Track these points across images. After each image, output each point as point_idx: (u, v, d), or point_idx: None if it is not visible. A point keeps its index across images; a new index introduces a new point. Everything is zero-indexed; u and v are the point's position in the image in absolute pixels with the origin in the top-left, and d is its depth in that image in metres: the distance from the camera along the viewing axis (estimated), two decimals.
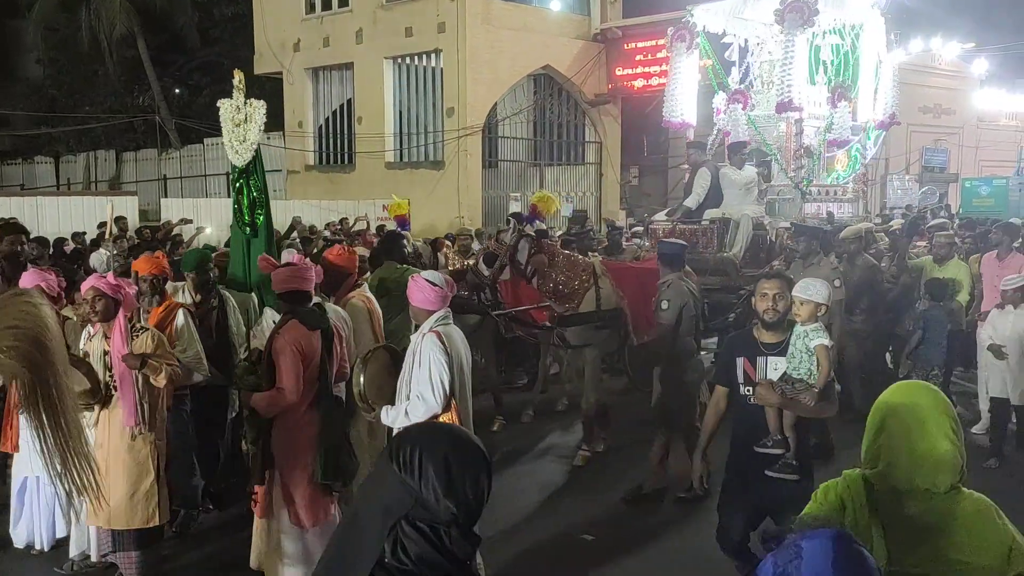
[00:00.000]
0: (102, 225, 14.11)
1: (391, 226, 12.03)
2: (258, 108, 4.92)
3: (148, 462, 4.51)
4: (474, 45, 18.75)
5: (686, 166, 10.60)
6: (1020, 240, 8.86)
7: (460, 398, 4.23)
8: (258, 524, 4.50)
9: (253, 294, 5.75)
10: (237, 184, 5.06)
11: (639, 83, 21.11)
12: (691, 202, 9.43)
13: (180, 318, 5.33)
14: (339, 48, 21.14)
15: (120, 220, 14.36)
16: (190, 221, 13.86)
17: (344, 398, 4.86)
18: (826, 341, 4.02)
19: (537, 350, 8.85)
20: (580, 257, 7.42)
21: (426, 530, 1.64)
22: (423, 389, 4.07)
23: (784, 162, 9.99)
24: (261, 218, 5.05)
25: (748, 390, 4.13)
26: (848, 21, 10.54)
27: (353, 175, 21.21)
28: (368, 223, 15.43)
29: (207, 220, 16.30)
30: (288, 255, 6.84)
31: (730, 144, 10.01)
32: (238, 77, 5.01)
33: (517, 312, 7.47)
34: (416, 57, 20.29)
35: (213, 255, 6.42)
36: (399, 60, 20.52)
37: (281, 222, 15.71)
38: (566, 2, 21.30)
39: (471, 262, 8.64)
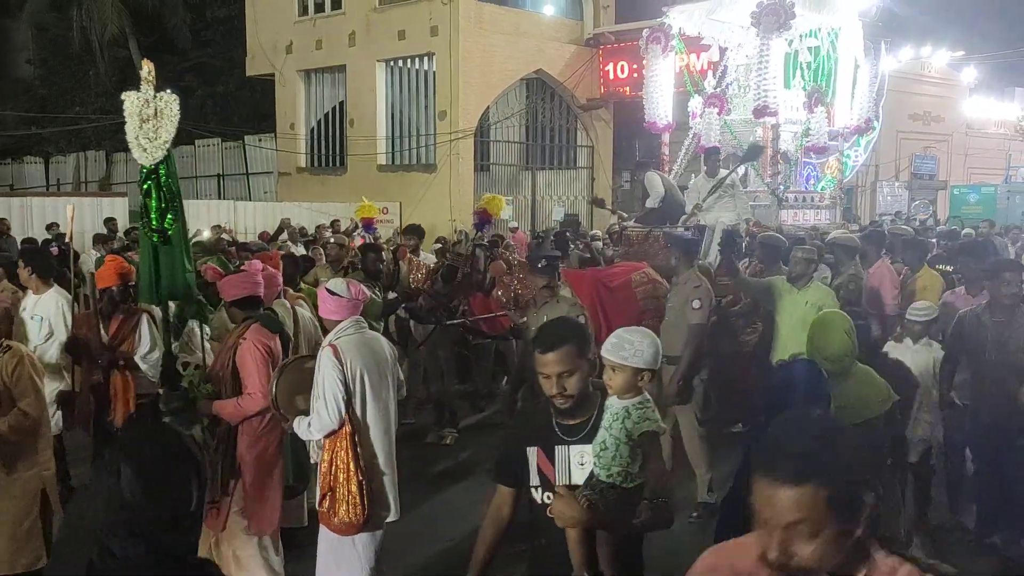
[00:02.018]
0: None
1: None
2: (170, 103, 4.35)
3: (31, 497, 4.15)
4: (467, 49, 18.76)
5: (626, 184, 10.55)
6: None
7: (362, 408, 4.05)
8: (212, 539, 4.34)
9: (155, 307, 5.24)
10: (145, 186, 4.52)
11: (631, 88, 21.15)
12: (652, 202, 9.30)
13: (143, 324, 5.33)
14: (332, 50, 21.12)
15: (110, 222, 14.32)
16: None
17: None
18: (655, 426, 2.71)
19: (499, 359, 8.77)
20: None
21: (135, 532, 1.68)
22: (319, 405, 3.97)
23: (760, 167, 9.96)
24: (174, 225, 4.50)
25: (547, 497, 2.79)
26: (826, 25, 10.53)
27: (345, 178, 21.17)
28: (359, 226, 15.40)
29: (195, 221, 16.24)
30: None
31: (705, 150, 9.99)
32: (147, 68, 4.47)
33: (475, 320, 7.29)
34: (409, 60, 20.28)
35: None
36: (392, 63, 20.51)
37: (271, 224, 15.70)
38: (559, 7, 21.34)
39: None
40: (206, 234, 12.72)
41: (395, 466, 4.24)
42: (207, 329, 4.99)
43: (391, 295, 7.62)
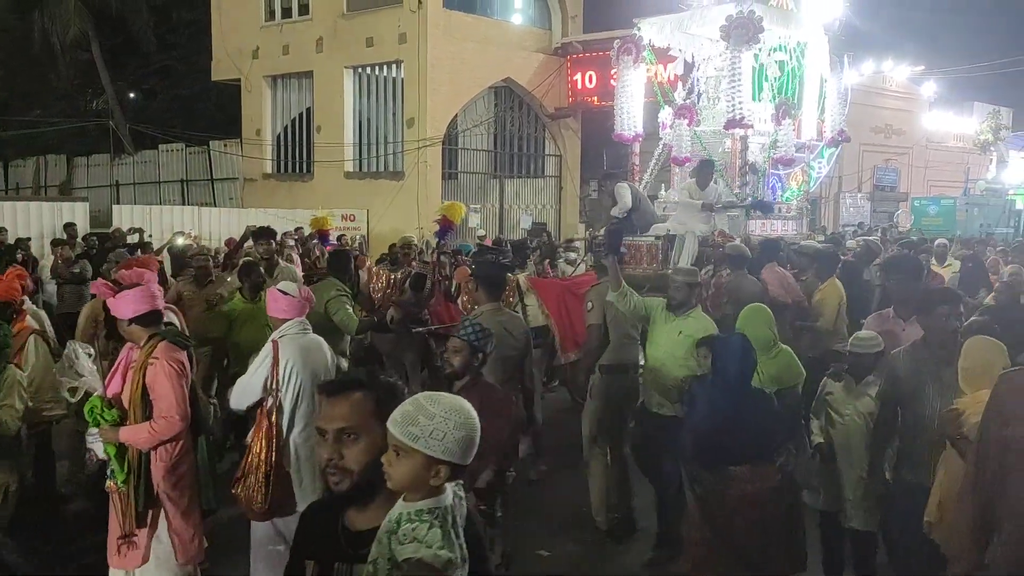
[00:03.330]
0: None
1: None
2: None
3: None
4: (435, 56, 18.74)
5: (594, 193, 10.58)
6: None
7: (292, 404, 4.18)
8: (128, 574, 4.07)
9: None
10: None
11: (599, 97, 21.25)
12: (616, 211, 9.32)
13: (30, 343, 4.96)
14: (299, 56, 20.98)
15: (69, 227, 14.04)
16: (140, 230, 13.57)
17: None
18: (430, 555, 1.83)
19: None
20: None
21: None
22: (241, 380, 4.35)
23: (729, 178, 10.08)
24: None
25: None
26: (793, 39, 10.69)
27: (311, 184, 21.01)
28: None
29: (158, 227, 16.00)
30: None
31: (700, 162, 9.92)
32: None
33: (439, 329, 7.27)
34: (377, 67, 20.21)
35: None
36: (359, 70, 20.42)
37: (236, 231, 15.49)
38: (527, 16, 21.42)
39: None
40: (180, 241, 12.46)
41: None
42: (89, 350, 4.77)
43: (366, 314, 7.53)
